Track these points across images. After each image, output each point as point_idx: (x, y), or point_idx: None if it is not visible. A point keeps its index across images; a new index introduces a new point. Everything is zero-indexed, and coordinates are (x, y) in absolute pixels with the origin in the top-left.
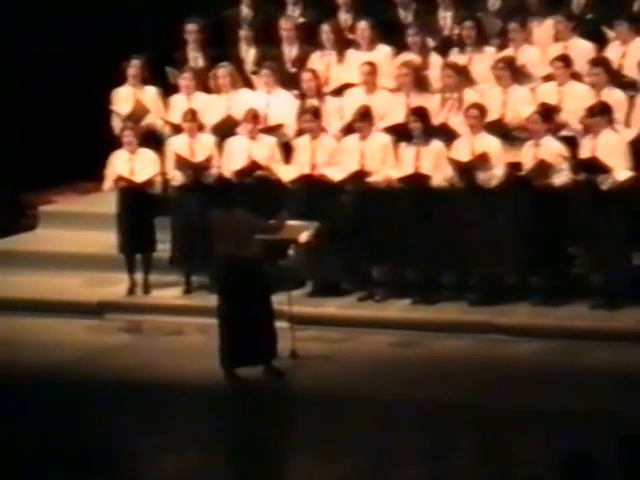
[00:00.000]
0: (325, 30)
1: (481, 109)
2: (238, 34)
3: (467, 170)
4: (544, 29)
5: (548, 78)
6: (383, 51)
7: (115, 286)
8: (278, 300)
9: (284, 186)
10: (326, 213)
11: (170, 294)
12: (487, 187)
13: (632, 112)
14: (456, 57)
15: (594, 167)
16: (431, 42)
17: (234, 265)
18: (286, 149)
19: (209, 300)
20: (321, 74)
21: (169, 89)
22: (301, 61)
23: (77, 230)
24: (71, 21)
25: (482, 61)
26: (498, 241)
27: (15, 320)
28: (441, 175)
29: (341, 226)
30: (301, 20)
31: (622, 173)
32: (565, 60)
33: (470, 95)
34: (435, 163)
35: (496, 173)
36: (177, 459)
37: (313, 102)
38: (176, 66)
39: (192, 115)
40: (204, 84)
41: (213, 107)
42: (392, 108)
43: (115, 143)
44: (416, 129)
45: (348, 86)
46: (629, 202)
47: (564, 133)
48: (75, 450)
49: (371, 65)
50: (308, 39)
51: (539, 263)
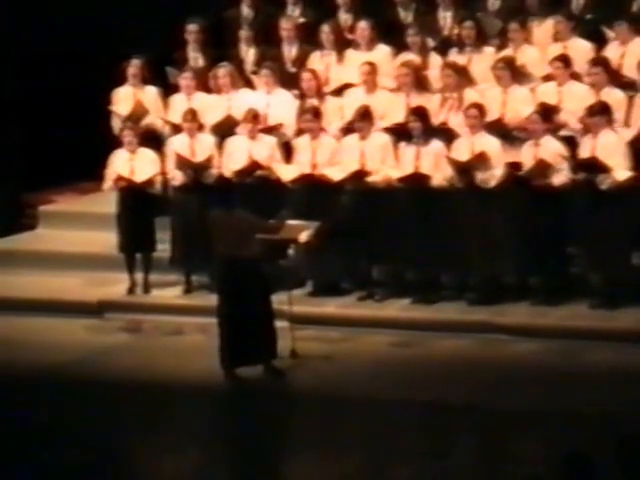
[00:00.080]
0: (325, 30)
1: (480, 109)
2: (238, 34)
3: (466, 170)
4: (544, 29)
5: (548, 78)
6: (383, 51)
7: (115, 286)
8: (278, 300)
9: (284, 186)
10: (326, 213)
11: (170, 294)
12: (486, 187)
13: (631, 112)
14: (455, 57)
15: (594, 167)
16: (431, 42)
17: (234, 265)
18: (286, 149)
19: (209, 300)
20: (321, 74)
21: (169, 89)
22: (301, 61)
23: (77, 230)
24: (71, 21)
25: (481, 61)
26: (498, 241)
27: (15, 320)
28: (441, 175)
29: (341, 226)
30: (301, 20)
31: (621, 173)
32: (564, 60)
33: (470, 95)
34: (435, 163)
35: (495, 173)
36: (177, 459)
37: (313, 102)
38: (176, 66)
39: (192, 115)
40: (204, 84)
41: (213, 107)
42: (392, 108)
43: (115, 143)
44: (416, 129)
45: (348, 86)
46: (629, 202)
47: (564, 133)
48: (75, 450)
49: (371, 65)
50: (308, 39)
51: (539, 263)
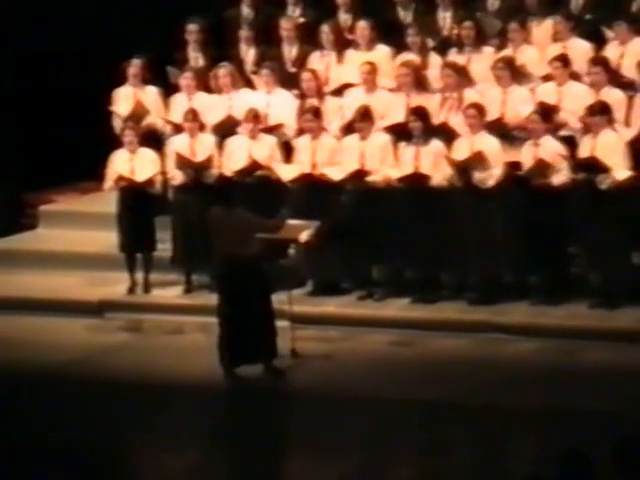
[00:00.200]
0: (325, 30)
1: (479, 109)
2: (238, 34)
3: (464, 169)
4: (543, 29)
5: (547, 78)
6: (382, 51)
7: (115, 285)
8: (278, 299)
9: (284, 185)
10: (326, 212)
11: (170, 293)
12: (483, 187)
13: (631, 112)
14: (455, 57)
15: (593, 167)
16: (430, 42)
17: (234, 264)
18: (286, 149)
19: (209, 299)
20: (321, 74)
21: (170, 89)
22: (301, 61)
23: (77, 229)
24: (71, 21)
25: (481, 61)
26: (497, 241)
27: (16, 319)
28: (441, 175)
29: (341, 225)
30: (301, 20)
31: (621, 173)
32: (563, 60)
33: (470, 95)
34: (435, 163)
35: (493, 173)
36: (177, 458)
37: (313, 102)
38: (177, 66)
39: (193, 115)
40: (205, 84)
41: (214, 107)
42: (392, 108)
43: (115, 143)
44: (416, 129)
45: (348, 86)
46: (628, 202)
47: (563, 133)
48: (75, 449)
49: (371, 65)
50: (308, 39)
51: (538, 262)
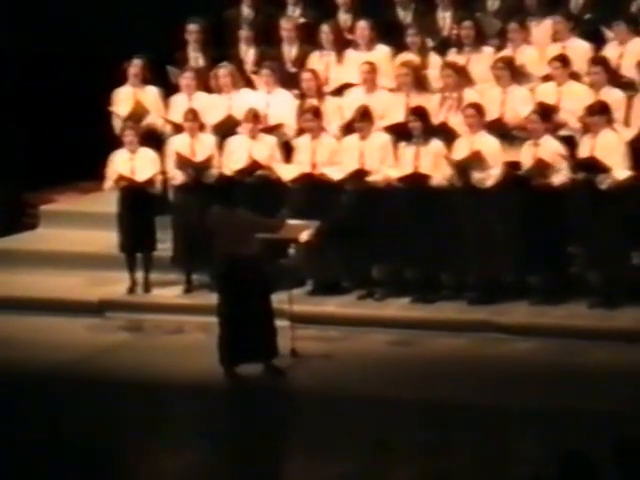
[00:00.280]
0: (325, 30)
1: (478, 108)
2: (238, 34)
3: (463, 169)
4: (543, 29)
5: (547, 78)
6: (382, 51)
7: (116, 285)
8: (278, 299)
9: (284, 185)
10: (326, 212)
11: (171, 293)
12: (482, 187)
13: (631, 112)
14: (455, 57)
15: (593, 166)
16: (430, 42)
17: (234, 264)
18: (286, 149)
19: (209, 299)
20: (321, 74)
21: (170, 89)
22: (301, 61)
23: (78, 229)
24: (71, 21)
25: (481, 61)
26: (497, 240)
27: (16, 319)
28: (440, 175)
29: (341, 225)
30: (301, 20)
31: (621, 172)
32: (563, 60)
33: (469, 95)
34: (434, 163)
35: (492, 173)
36: (177, 458)
37: (313, 102)
38: (177, 66)
39: (193, 115)
40: (205, 84)
41: (214, 107)
42: (392, 108)
43: (116, 142)
44: (416, 129)
45: (348, 86)
46: (628, 201)
47: (563, 132)
48: (75, 449)
49: (371, 65)
50: (308, 39)
51: (538, 262)
